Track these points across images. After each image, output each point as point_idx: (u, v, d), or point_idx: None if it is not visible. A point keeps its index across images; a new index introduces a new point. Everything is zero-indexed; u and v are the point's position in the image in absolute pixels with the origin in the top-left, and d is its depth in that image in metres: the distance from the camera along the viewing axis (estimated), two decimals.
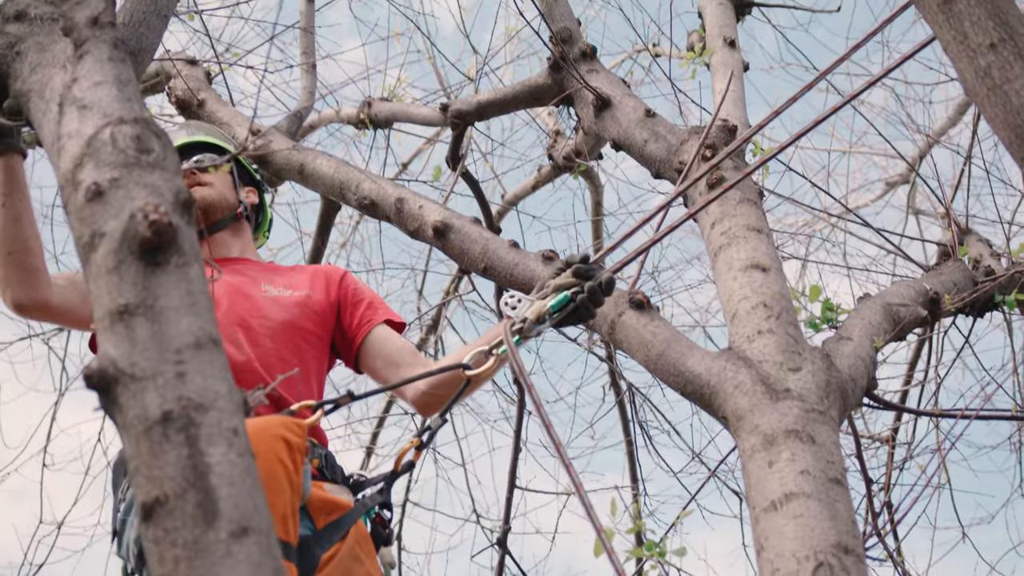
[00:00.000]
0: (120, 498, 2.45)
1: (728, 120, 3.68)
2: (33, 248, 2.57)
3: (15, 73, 2.27)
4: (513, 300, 2.43)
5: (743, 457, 2.49)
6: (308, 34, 5.34)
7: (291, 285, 2.90)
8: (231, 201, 3.03)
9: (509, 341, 2.32)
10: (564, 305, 2.37)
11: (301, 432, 2.05)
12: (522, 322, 2.37)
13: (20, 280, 2.58)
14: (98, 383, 1.63)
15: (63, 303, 2.68)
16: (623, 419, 6.34)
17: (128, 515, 2.34)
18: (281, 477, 1.95)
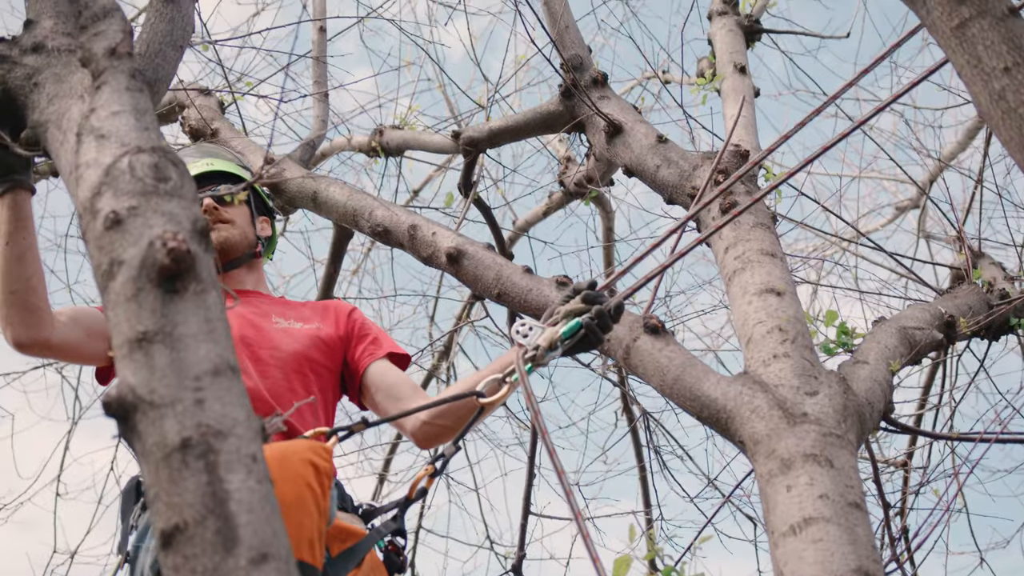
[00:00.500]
0: (132, 525, 2.45)
1: (740, 145, 3.69)
2: (35, 287, 2.57)
3: (32, 104, 2.28)
4: (524, 328, 2.43)
5: (760, 481, 2.48)
6: (320, 63, 5.37)
7: (301, 318, 2.93)
8: (250, 239, 3.07)
9: (521, 369, 2.32)
10: (575, 332, 2.37)
11: (328, 456, 2.05)
12: (534, 349, 2.37)
13: (21, 320, 2.57)
14: (117, 410, 1.63)
15: (64, 340, 2.68)
16: (636, 445, 6.32)
17: (142, 542, 2.33)
18: (309, 501, 1.95)
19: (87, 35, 2.12)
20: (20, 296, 2.55)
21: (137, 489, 2.52)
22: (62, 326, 2.68)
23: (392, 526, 2.44)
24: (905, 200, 8.82)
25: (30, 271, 2.54)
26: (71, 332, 2.70)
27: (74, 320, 2.72)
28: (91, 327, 2.76)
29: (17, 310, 2.56)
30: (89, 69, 2.10)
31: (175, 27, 2.41)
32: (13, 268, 2.52)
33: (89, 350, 2.77)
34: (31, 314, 2.57)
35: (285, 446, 2.02)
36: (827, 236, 6.00)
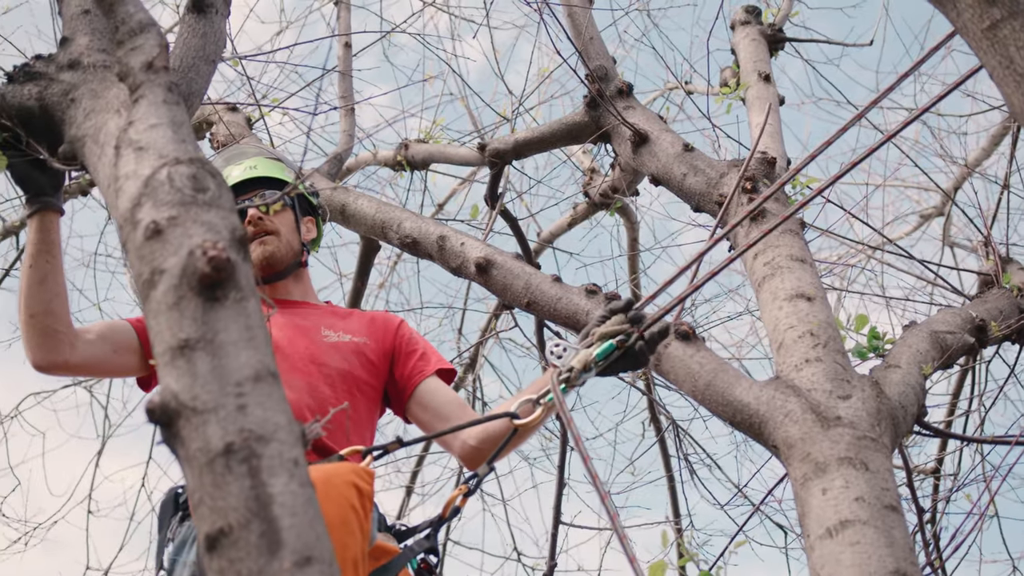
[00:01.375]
0: (168, 537, 2.46)
1: (767, 152, 3.69)
2: (55, 310, 2.58)
3: (70, 119, 2.32)
4: (559, 349, 2.44)
5: (795, 485, 2.48)
6: (346, 78, 5.41)
7: (349, 330, 2.92)
8: (295, 248, 3.02)
9: (556, 391, 2.33)
10: (609, 353, 2.39)
11: (370, 480, 2.08)
12: (569, 371, 2.38)
13: (40, 343, 2.60)
14: (160, 417, 1.65)
15: (86, 359, 2.69)
16: (664, 455, 6.31)
17: (179, 555, 2.35)
18: (353, 522, 1.98)
19: (124, 50, 2.15)
20: (39, 320, 2.57)
21: (174, 501, 2.53)
22: (85, 344, 2.69)
23: (425, 544, 2.44)
24: (930, 208, 8.79)
25: (50, 294, 2.57)
26: (96, 350, 2.71)
27: (101, 337, 2.74)
28: (119, 343, 2.77)
29: (36, 333, 2.58)
30: (126, 83, 2.13)
31: (207, 42, 2.44)
32: (34, 291, 2.55)
33: (116, 365, 2.78)
34: (49, 338, 2.59)
35: (329, 468, 2.05)
36: (853, 244, 5.98)
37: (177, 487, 2.56)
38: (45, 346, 2.60)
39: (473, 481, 2.49)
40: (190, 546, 2.34)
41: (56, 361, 2.63)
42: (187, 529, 2.40)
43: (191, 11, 2.45)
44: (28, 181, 2.52)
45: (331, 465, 2.09)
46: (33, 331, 2.58)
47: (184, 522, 2.45)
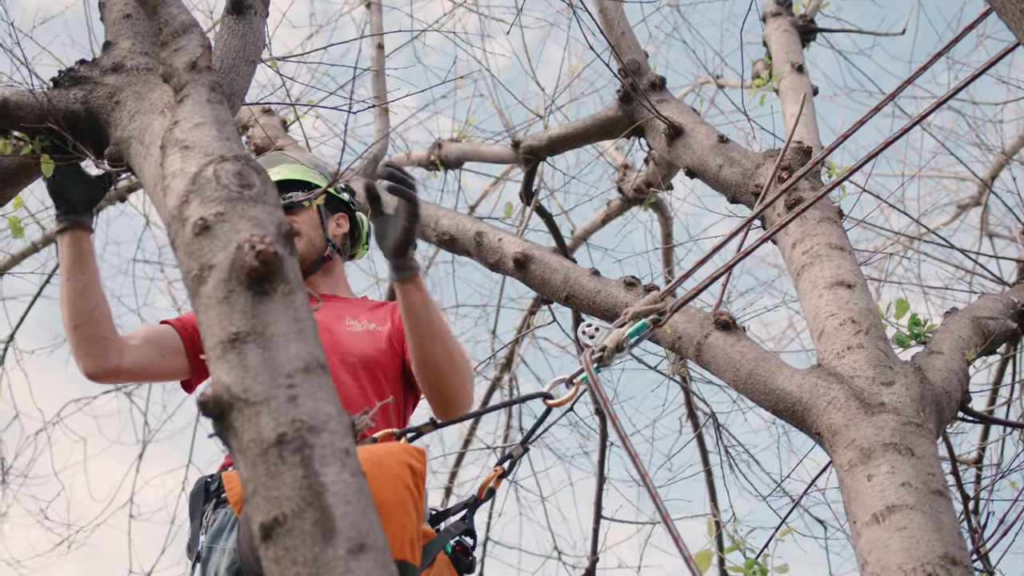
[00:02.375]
0: (203, 525, 2.46)
1: (802, 142, 3.68)
2: (98, 319, 2.62)
3: (115, 122, 2.36)
4: (591, 329, 2.43)
5: (840, 472, 2.47)
6: (379, 79, 5.45)
7: (374, 319, 2.92)
8: (317, 245, 3.01)
9: (590, 370, 2.32)
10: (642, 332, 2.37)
11: (422, 459, 2.08)
12: (601, 351, 2.37)
13: (88, 352, 2.64)
14: (213, 410, 1.67)
15: (135, 364, 2.72)
16: (702, 449, 6.30)
17: (215, 542, 2.35)
18: (408, 502, 1.98)
19: (168, 51, 2.18)
20: (84, 330, 2.61)
21: (205, 489, 2.53)
22: (133, 350, 2.73)
23: (462, 526, 2.44)
24: (967, 198, 8.72)
25: (91, 304, 2.60)
26: (143, 354, 2.75)
27: (147, 341, 2.77)
28: (164, 346, 2.80)
29: (84, 343, 2.62)
30: (171, 84, 2.16)
31: (247, 42, 2.47)
32: (75, 303, 2.59)
33: (164, 369, 2.80)
34: (97, 346, 2.63)
35: (381, 449, 2.05)
36: (890, 234, 5.95)
37: (207, 476, 2.56)
38: (94, 354, 2.64)
39: (507, 463, 2.49)
40: (228, 532, 2.34)
41: (107, 368, 2.67)
42: (223, 516, 2.40)
43: (230, 13, 2.48)
44: (64, 195, 2.55)
45: (383, 445, 2.09)
46: (80, 341, 2.62)
47: (218, 509, 2.45)
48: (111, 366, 2.67)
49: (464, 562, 2.42)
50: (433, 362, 2.57)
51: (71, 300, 2.60)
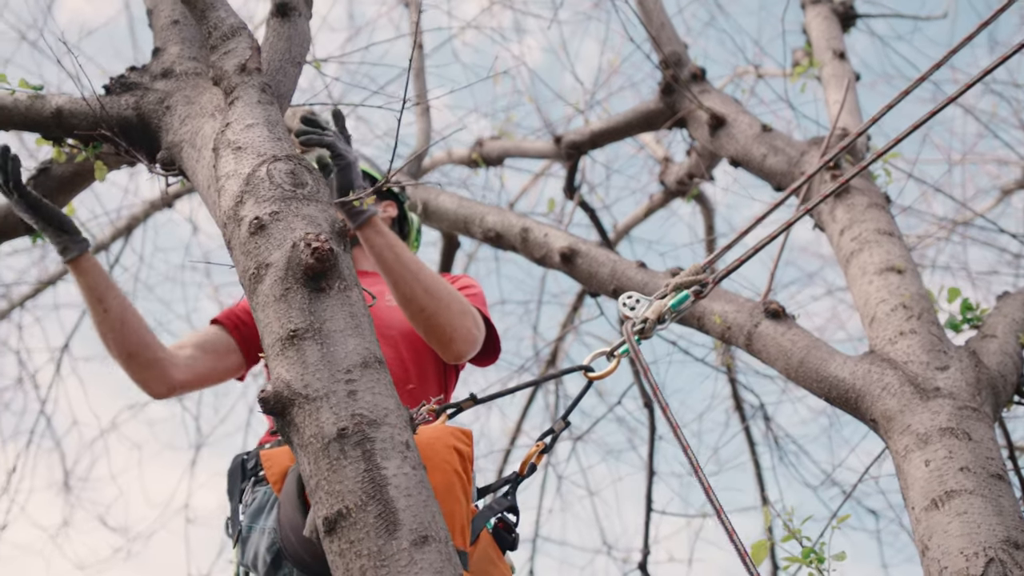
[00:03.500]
0: (243, 503, 2.43)
1: (847, 129, 3.66)
2: (147, 342, 2.60)
3: (166, 126, 2.39)
4: (631, 300, 2.37)
5: (896, 458, 2.45)
6: (420, 79, 5.47)
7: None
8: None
9: (631, 341, 2.25)
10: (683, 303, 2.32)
11: (469, 441, 2.06)
12: (643, 322, 2.31)
13: (149, 376, 2.62)
14: (274, 406, 1.69)
15: (195, 374, 2.71)
16: (749, 442, 6.28)
17: (255, 522, 2.32)
18: (457, 488, 1.98)
19: (217, 54, 2.20)
20: (138, 356, 2.60)
21: (242, 467, 2.50)
22: (188, 361, 2.71)
23: (504, 503, 2.40)
24: (1010, 182, 8.62)
25: (134, 329, 2.59)
26: (199, 363, 2.73)
27: (199, 348, 2.75)
28: (217, 349, 2.79)
29: (141, 369, 2.61)
30: (221, 86, 2.18)
31: (292, 44, 2.48)
32: (119, 333, 2.56)
33: (221, 370, 2.79)
34: (154, 368, 2.62)
35: (430, 433, 2.03)
36: (935, 219, 5.90)
37: (244, 454, 2.52)
38: (154, 377, 2.63)
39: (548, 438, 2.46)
40: (268, 512, 2.30)
41: (171, 385, 2.66)
42: (262, 495, 2.36)
43: (275, 16, 2.49)
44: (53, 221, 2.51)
45: (430, 429, 2.06)
46: (137, 368, 2.60)
47: (257, 487, 2.41)
48: (175, 383, 2.66)
49: (507, 539, 2.38)
50: (416, 303, 2.50)
51: (115, 332, 2.57)
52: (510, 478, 2.47)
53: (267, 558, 2.21)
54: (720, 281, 2.27)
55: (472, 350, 2.63)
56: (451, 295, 2.56)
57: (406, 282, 2.48)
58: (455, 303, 2.57)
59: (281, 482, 2.17)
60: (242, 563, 2.35)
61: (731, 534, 2.07)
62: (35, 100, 2.51)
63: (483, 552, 2.31)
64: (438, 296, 2.53)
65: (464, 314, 2.58)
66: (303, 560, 2.03)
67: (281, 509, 2.11)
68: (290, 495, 2.03)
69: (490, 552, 2.33)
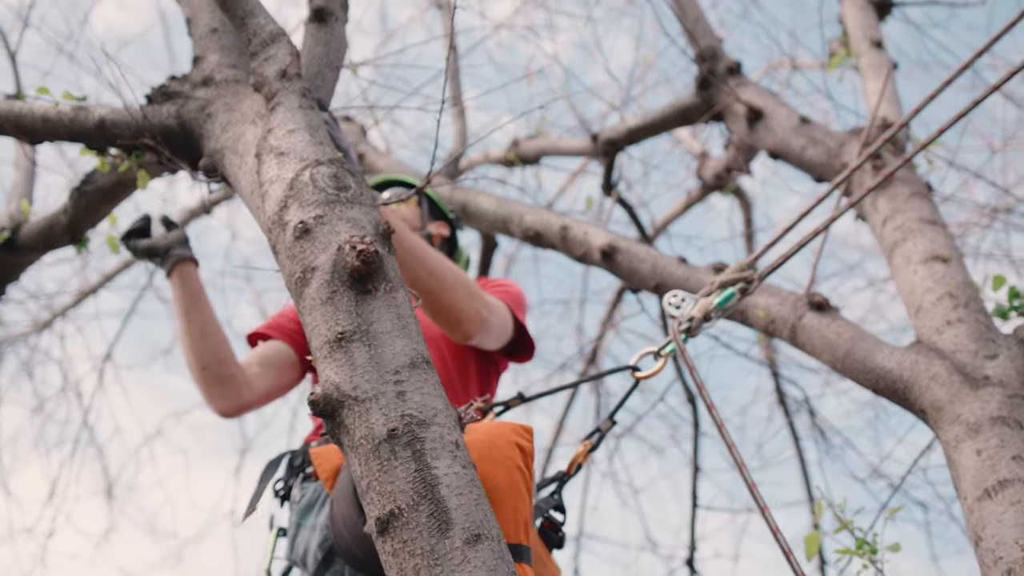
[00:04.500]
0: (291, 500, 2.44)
1: (887, 118, 3.63)
2: (224, 358, 2.62)
3: (207, 134, 2.41)
4: (676, 299, 2.36)
5: (947, 448, 2.43)
6: (455, 81, 5.48)
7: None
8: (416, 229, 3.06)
9: (678, 340, 2.25)
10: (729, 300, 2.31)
11: (530, 437, 2.06)
12: (689, 321, 2.31)
13: (221, 392, 2.65)
14: (324, 408, 1.70)
15: (263, 392, 2.74)
16: (793, 434, 6.24)
17: (304, 518, 2.34)
18: (520, 484, 1.97)
19: (258, 60, 2.22)
20: (213, 369, 2.62)
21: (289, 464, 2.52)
22: (257, 379, 2.73)
23: (551, 502, 2.42)
24: None
25: (215, 343, 2.61)
26: (267, 381, 2.75)
27: (265, 365, 2.77)
28: (281, 364, 2.79)
29: (214, 384, 2.63)
30: (262, 92, 2.20)
31: (330, 49, 2.50)
32: (199, 345, 2.59)
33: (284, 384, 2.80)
34: (227, 384, 2.64)
35: (490, 429, 2.03)
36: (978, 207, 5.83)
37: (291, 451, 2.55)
38: (226, 393, 2.65)
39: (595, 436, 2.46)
40: (318, 509, 2.32)
41: (240, 405, 2.69)
42: (312, 492, 2.37)
43: (312, 21, 2.51)
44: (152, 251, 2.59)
45: (490, 425, 2.07)
46: (211, 382, 2.62)
47: (306, 484, 2.43)
48: (244, 402, 2.69)
49: (554, 538, 2.39)
50: (421, 284, 2.48)
51: (195, 343, 2.59)
52: (557, 477, 2.47)
53: (318, 555, 2.23)
54: (765, 277, 2.25)
55: (482, 332, 2.64)
56: (456, 277, 2.57)
57: (409, 266, 2.49)
58: (461, 286, 2.58)
59: (333, 479, 2.18)
60: (290, 558, 2.36)
61: (775, 532, 2.06)
62: (79, 111, 2.54)
63: (533, 551, 2.31)
64: (442, 277, 2.54)
65: (472, 296, 2.59)
66: (356, 556, 2.04)
67: (335, 506, 2.12)
68: (345, 492, 2.05)
69: (539, 551, 2.34)
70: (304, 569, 2.32)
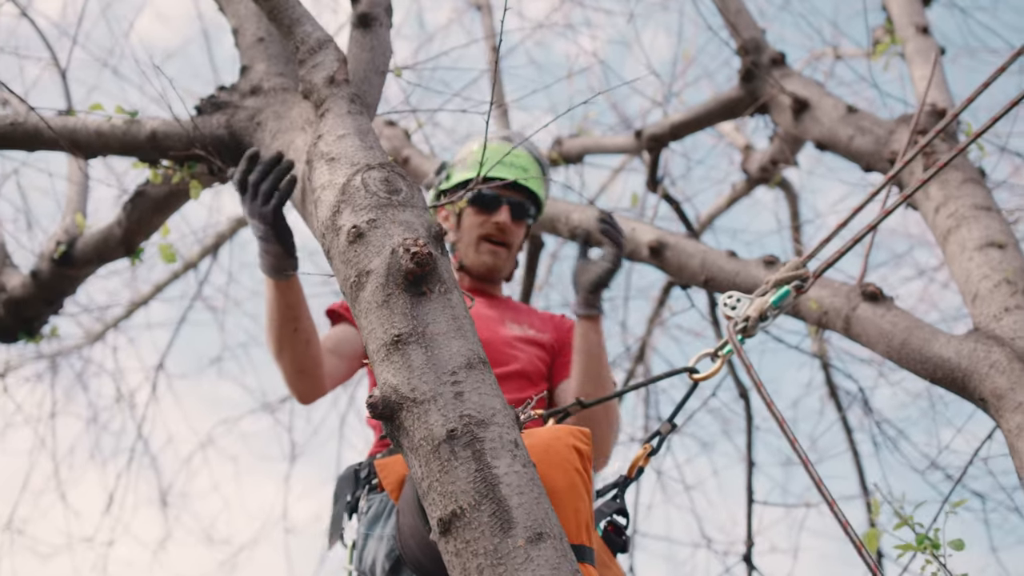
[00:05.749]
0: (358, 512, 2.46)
1: (936, 104, 3.59)
2: (318, 357, 2.68)
3: (258, 142, 2.43)
4: (732, 300, 2.35)
5: (1010, 436, 2.40)
6: (497, 82, 5.48)
7: (533, 325, 2.98)
8: (514, 263, 3.12)
9: (734, 341, 2.24)
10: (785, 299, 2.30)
11: (588, 440, 2.07)
12: (744, 321, 2.30)
13: (309, 388, 2.71)
14: (383, 411, 1.71)
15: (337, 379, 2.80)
16: (846, 429, 6.18)
17: (371, 529, 2.36)
18: (580, 486, 1.98)
19: (306, 68, 2.23)
20: (309, 372, 2.68)
21: (355, 476, 2.55)
22: (334, 369, 2.80)
23: (613, 506, 2.41)
24: None
25: (316, 349, 2.66)
26: (338, 369, 2.82)
27: (336, 354, 2.82)
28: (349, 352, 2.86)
29: (306, 381, 2.69)
30: (311, 99, 2.21)
31: (376, 54, 2.51)
32: (302, 350, 2.63)
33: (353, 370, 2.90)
34: (316, 381, 2.72)
35: (547, 433, 2.04)
36: None
37: (356, 464, 2.58)
38: (313, 388, 2.73)
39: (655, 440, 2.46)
40: (385, 519, 2.33)
41: (322, 393, 2.77)
42: (378, 503, 2.40)
43: (357, 27, 2.52)
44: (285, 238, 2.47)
45: (547, 429, 2.08)
46: (304, 381, 2.69)
47: (372, 496, 2.45)
48: (323, 392, 2.77)
49: (617, 542, 2.38)
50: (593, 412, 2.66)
51: (298, 347, 2.62)
52: (618, 481, 2.48)
53: (386, 565, 2.25)
54: (821, 275, 2.24)
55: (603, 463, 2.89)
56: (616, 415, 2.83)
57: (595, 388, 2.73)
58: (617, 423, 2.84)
59: (398, 490, 2.20)
60: (359, 569, 2.38)
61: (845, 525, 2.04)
62: (131, 125, 2.57)
63: (596, 554, 2.32)
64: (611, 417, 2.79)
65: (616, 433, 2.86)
66: (423, 565, 2.05)
67: (400, 516, 2.14)
68: (409, 502, 2.07)
69: (602, 555, 2.34)
70: None
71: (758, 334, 2.35)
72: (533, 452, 1.91)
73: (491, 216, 3.00)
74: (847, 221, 2.46)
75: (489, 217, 3.00)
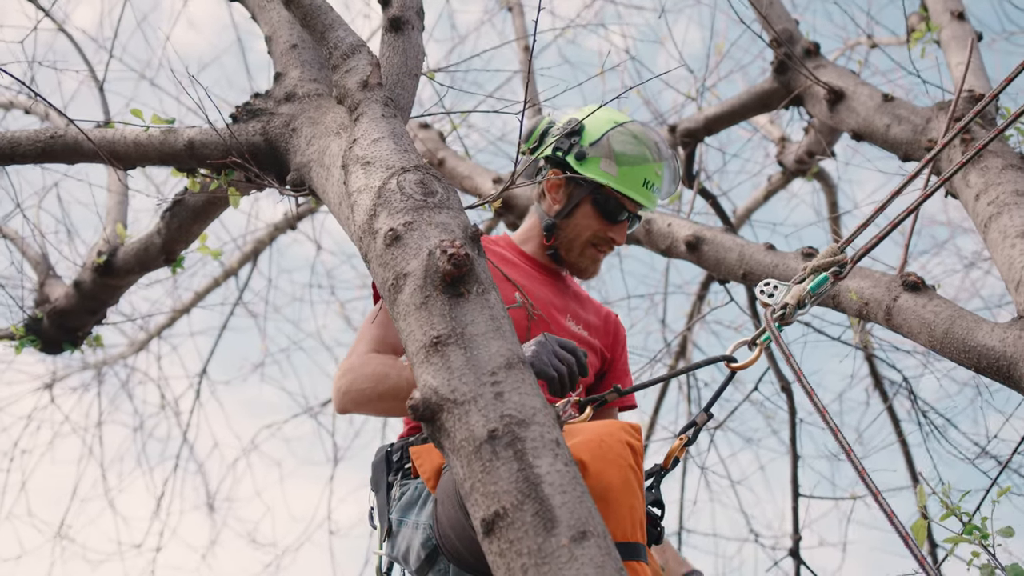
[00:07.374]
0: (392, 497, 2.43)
1: (974, 90, 3.55)
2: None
3: (293, 148, 2.44)
4: (769, 287, 2.32)
5: None
6: (530, 82, 5.47)
7: (589, 325, 2.83)
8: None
9: (772, 329, 2.21)
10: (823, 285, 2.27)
11: (639, 436, 2.05)
12: (783, 308, 2.27)
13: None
14: (424, 413, 1.72)
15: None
16: (893, 419, 6.13)
17: (406, 516, 2.33)
18: (634, 483, 1.97)
19: (339, 73, 2.25)
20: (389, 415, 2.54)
21: (387, 459, 2.49)
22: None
23: (650, 497, 2.40)
24: None
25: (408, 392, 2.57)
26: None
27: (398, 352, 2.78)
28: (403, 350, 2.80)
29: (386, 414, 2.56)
30: (345, 104, 2.23)
31: (408, 57, 2.52)
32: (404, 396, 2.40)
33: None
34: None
35: (600, 429, 2.02)
36: None
37: (387, 446, 2.52)
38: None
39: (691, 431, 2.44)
40: (420, 506, 2.31)
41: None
42: (412, 490, 2.36)
43: (389, 31, 2.53)
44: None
45: (600, 424, 2.06)
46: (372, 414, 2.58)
47: (405, 481, 2.41)
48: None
49: (652, 533, 2.34)
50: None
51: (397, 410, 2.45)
52: (653, 471, 2.46)
53: (422, 553, 2.23)
54: (859, 260, 2.20)
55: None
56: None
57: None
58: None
59: (435, 478, 2.19)
60: (390, 555, 2.37)
61: (890, 516, 2.02)
62: (168, 134, 2.60)
63: None
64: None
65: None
66: (463, 557, 2.05)
67: (440, 507, 2.13)
68: (449, 493, 2.06)
69: None
70: (406, 566, 2.33)
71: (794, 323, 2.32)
72: (587, 448, 1.90)
73: (610, 226, 2.78)
74: (885, 205, 2.43)
75: (608, 226, 2.77)
